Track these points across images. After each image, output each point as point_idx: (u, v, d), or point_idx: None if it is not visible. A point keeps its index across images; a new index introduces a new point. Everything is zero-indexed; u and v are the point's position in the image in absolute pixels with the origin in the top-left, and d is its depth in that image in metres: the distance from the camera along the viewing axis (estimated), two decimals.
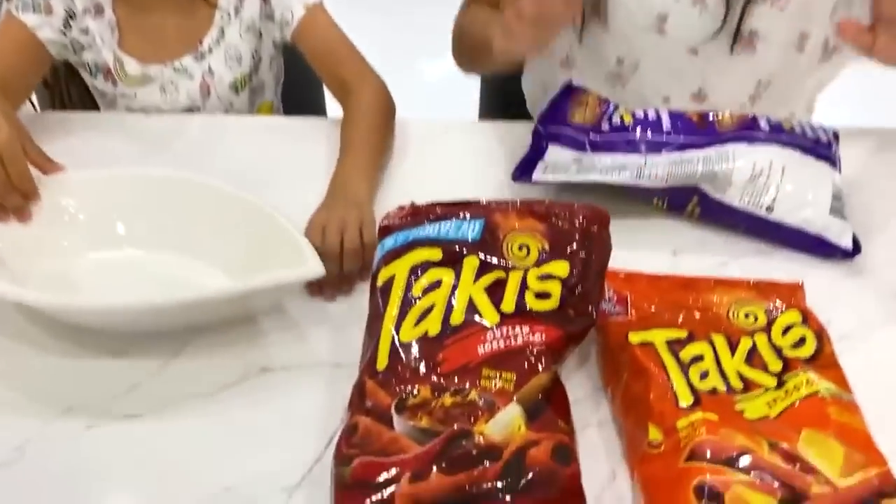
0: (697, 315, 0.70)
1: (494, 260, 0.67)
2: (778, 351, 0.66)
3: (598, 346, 0.71)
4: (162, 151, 0.96)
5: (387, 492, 0.53)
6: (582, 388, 0.69)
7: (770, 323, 0.69)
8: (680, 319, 0.69)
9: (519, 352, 0.61)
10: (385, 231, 0.71)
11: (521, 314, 0.64)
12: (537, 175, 0.87)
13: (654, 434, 0.59)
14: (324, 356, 0.71)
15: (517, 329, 0.62)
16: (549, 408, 0.59)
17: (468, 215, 0.70)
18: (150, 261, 0.77)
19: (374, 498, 0.53)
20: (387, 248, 0.69)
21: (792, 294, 0.74)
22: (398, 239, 0.69)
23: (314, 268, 0.67)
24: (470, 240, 0.68)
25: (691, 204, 0.86)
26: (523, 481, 0.54)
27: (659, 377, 0.62)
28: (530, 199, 0.72)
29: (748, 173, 0.85)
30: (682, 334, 0.67)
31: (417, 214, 0.71)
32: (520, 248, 0.69)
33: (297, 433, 0.64)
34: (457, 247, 0.67)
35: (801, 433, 0.57)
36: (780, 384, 0.62)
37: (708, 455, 0.55)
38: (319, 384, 0.68)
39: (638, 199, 0.86)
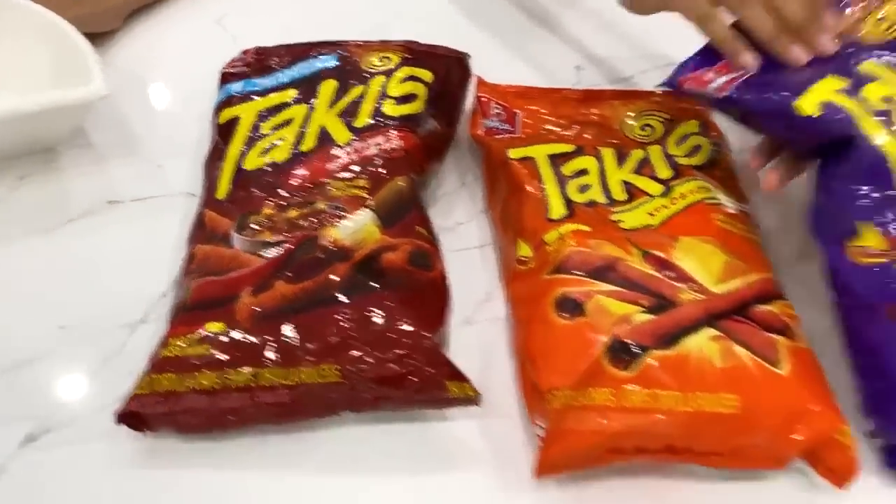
0: (592, 129, 0.64)
1: (353, 79, 0.61)
2: (670, 159, 0.60)
3: (482, 166, 0.65)
4: None
5: (227, 308, 0.48)
6: (465, 211, 0.64)
7: (667, 133, 0.64)
8: (571, 134, 0.64)
9: (372, 159, 0.56)
10: (228, 77, 0.65)
11: (378, 125, 0.58)
12: None
13: (524, 250, 0.54)
14: (177, 186, 0.64)
15: (370, 140, 0.57)
16: (408, 216, 0.53)
17: (321, 54, 0.64)
18: None
19: (212, 318, 0.48)
20: (232, 92, 0.63)
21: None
22: (246, 86, 0.63)
23: (98, 88, 0.59)
24: (324, 68, 0.63)
25: None
26: (377, 282, 0.49)
27: (535, 192, 0.56)
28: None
29: None
30: (569, 148, 0.61)
31: (264, 60, 0.65)
32: (380, 60, 0.62)
33: (143, 268, 0.58)
34: (312, 78, 0.62)
35: (679, 240, 0.52)
36: (668, 191, 0.57)
37: (573, 267, 0.50)
38: (173, 216, 0.61)
39: None
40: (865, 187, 0.47)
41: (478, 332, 0.55)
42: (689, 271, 0.50)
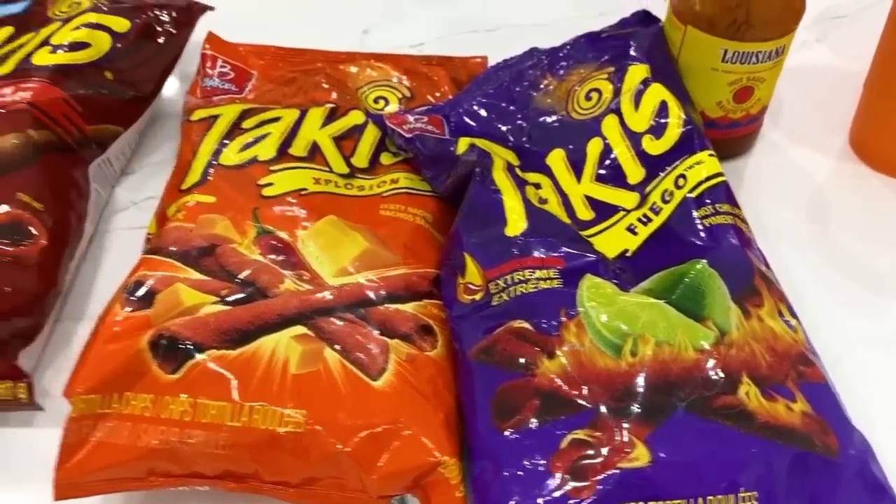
0: (324, 91, 0.55)
1: (31, 27, 0.53)
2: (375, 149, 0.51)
3: None
4: None
5: None
6: (164, 184, 0.53)
7: (406, 99, 0.55)
8: (298, 95, 0.54)
9: None
10: None
11: (17, 74, 0.49)
12: None
13: (151, 226, 0.45)
14: None
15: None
16: (10, 179, 0.44)
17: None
18: None
19: None
20: None
21: (473, 70, 0.60)
22: None
23: None
24: (8, 14, 0.54)
25: None
26: None
27: (185, 158, 0.48)
28: None
29: None
30: (275, 108, 0.52)
31: None
32: (70, 6, 0.54)
33: None
34: None
35: (323, 220, 0.43)
36: (352, 174, 0.48)
37: (168, 247, 0.41)
38: None
39: None
40: (477, 224, 0.43)
41: None
42: (308, 258, 0.41)
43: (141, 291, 0.39)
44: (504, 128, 0.52)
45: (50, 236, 0.44)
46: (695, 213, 0.41)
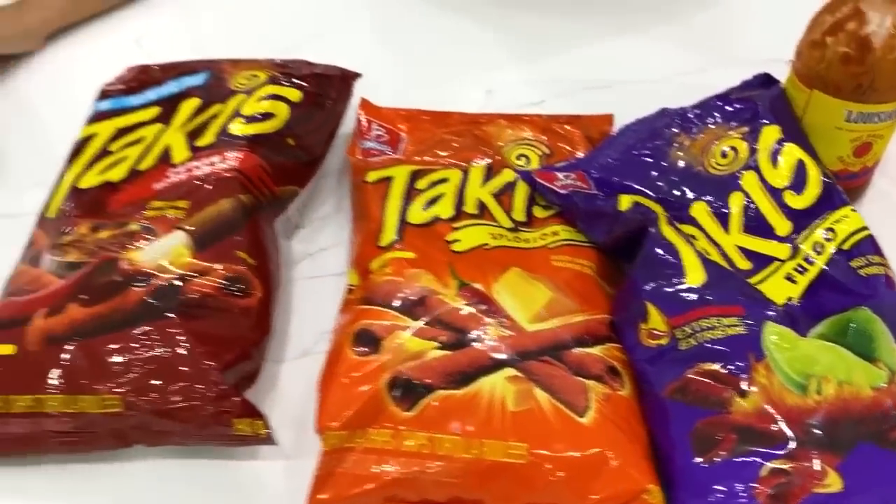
0: (473, 150, 0.60)
1: (216, 98, 0.59)
2: (531, 201, 0.56)
3: (350, 190, 0.62)
4: None
5: (18, 331, 0.46)
6: (333, 237, 0.60)
7: (546, 156, 0.60)
8: (449, 154, 0.60)
9: (201, 179, 0.53)
10: (104, 95, 0.63)
11: (220, 144, 0.55)
12: None
13: (352, 278, 0.51)
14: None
15: (207, 159, 0.54)
16: (227, 239, 0.50)
17: (195, 72, 0.62)
18: None
19: (4, 340, 0.46)
20: (98, 110, 0.62)
21: (601, 127, 0.65)
22: (115, 103, 0.62)
23: None
24: (192, 86, 0.61)
25: None
26: (175, 308, 0.46)
27: (374, 217, 0.53)
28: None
29: None
30: (438, 168, 0.58)
31: (143, 78, 0.63)
32: (248, 79, 0.60)
33: None
34: (177, 97, 0.60)
35: (508, 271, 0.49)
36: (516, 228, 0.53)
37: (382, 298, 0.47)
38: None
39: None
40: (655, 275, 0.48)
41: (314, 365, 0.50)
42: (504, 306, 0.46)
43: (368, 339, 0.45)
44: (643, 181, 0.57)
45: (263, 288, 0.50)
46: (850, 264, 0.46)
